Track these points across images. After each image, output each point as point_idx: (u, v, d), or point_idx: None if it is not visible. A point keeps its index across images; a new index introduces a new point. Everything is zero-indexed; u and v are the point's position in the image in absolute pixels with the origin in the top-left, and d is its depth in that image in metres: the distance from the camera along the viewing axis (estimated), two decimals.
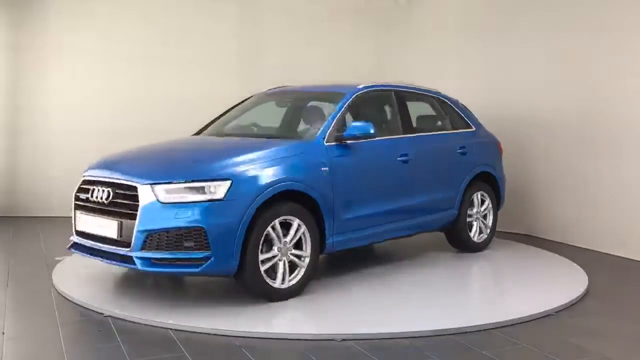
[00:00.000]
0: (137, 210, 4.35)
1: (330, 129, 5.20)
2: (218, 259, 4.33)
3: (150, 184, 4.39)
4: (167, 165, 4.75)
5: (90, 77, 8.64)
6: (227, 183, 4.40)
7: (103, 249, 4.58)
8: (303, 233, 4.75)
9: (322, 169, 4.96)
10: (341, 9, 9.46)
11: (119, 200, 4.52)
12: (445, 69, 8.74)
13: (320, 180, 4.91)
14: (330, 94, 5.88)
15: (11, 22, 8.47)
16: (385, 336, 4.03)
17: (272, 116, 6.21)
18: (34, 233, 7.45)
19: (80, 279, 5.33)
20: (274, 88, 6.53)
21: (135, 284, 5.18)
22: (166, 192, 4.36)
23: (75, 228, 4.89)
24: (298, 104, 6.14)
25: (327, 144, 5.11)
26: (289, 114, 6.15)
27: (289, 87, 6.54)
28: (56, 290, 5.00)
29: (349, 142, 5.20)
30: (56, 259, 5.98)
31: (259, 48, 9.17)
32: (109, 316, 4.36)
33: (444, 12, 8.86)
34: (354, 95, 5.64)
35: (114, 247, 4.49)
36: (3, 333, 4.04)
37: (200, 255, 4.32)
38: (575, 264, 6.02)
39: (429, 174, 6.02)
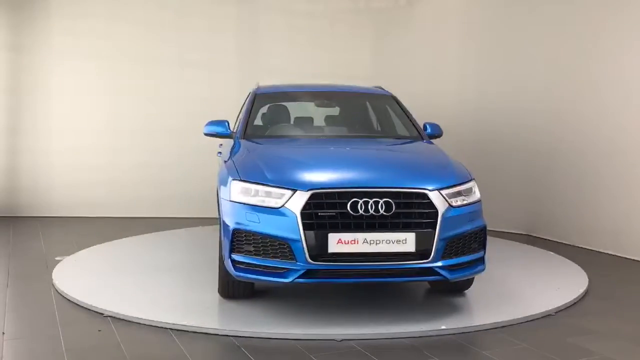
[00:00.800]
0: (434, 219, 4.11)
1: None
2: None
3: (438, 189, 4.21)
4: (426, 169, 4.54)
5: (91, 77, 8.65)
6: (475, 183, 4.57)
7: (381, 267, 4.10)
8: None
9: None
10: (341, 9, 9.47)
11: (405, 210, 4.11)
12: (445, 69, 8.74)
13: None
14: (375, 96, 6.09)
15: (12, 23, 8.47)
16: (385, 336, 4.03)
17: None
18: (34, 233, 7.45)
19: (81, 280, 5.33)
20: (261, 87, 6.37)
21: (135, 283, 5.18)
22: (452, 196, 4.27)
23: (309, 253, 3.99)
24: (345, 104, 6.17)
25: None
26: (338, 113, 6.10)
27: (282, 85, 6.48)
28: (56, 290, 4.99)
29: None
30: (56, 259, 5.98)
31: (259, 48, 9.17)
32: (109, 316, 4.36)
33: (444, 12, 8.86)
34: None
35: (405, 263, 4.09)
36: (3, 333, 4.05)
37: (481, 255, 4.45)
38: (575, 264, 6.02)
39: None
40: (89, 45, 8.60)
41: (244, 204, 4.22)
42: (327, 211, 4.04)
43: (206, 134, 5.53)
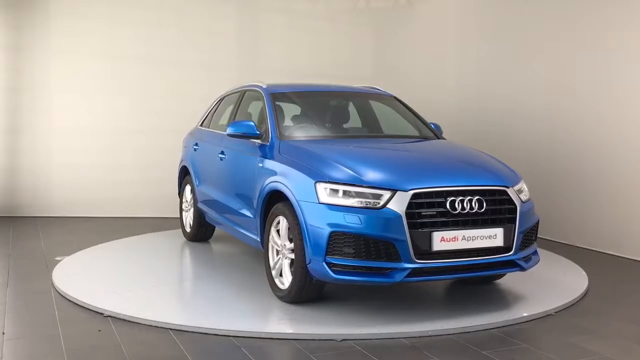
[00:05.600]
0: (514, 214, 4.42)
1: None
2: None
3: (511, 186, 4.52)
4: (498, 168, 4.79)
5: (91, 77, 8.64)
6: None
7: (475, 262, 4.28)
8: None
9: None
10: (341, 9, 9.47)
11: (493, 207, 4.35)
12: (445, 68, 8.74)
13: None
14: (382, 97, 6.14)
15: (12, 22, 8.47)
16: (385, 336, 4.03)
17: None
18: (34, 233, 7.45)
19: (80, 279, 5.34)
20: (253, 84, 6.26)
21: (135, 283, 5.18)
22: (519, 193, 4.58)
23: (414, 252, 4.08)
24: (358, 105, 6.17)
25: None
26: (338, 111, 6.00)
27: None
28: (56, 290, 5.00)
29: None
30: (56, 258, 5.99)
31: (259, 48, 9.17)
32: (109, 316, 4.36)
33: (444, 12, 8.86)
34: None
35: (494, 257, 4.33)
36: (3, 333, 4.05)
37: (535, 247, 4.79)
38: (575, 264, 6.02)
39: None
40: (89, 45, 8.59)
41: (340, 205, 4.17)
42: (429, 210, 4.16)
43: (231, 135, 5.33)
